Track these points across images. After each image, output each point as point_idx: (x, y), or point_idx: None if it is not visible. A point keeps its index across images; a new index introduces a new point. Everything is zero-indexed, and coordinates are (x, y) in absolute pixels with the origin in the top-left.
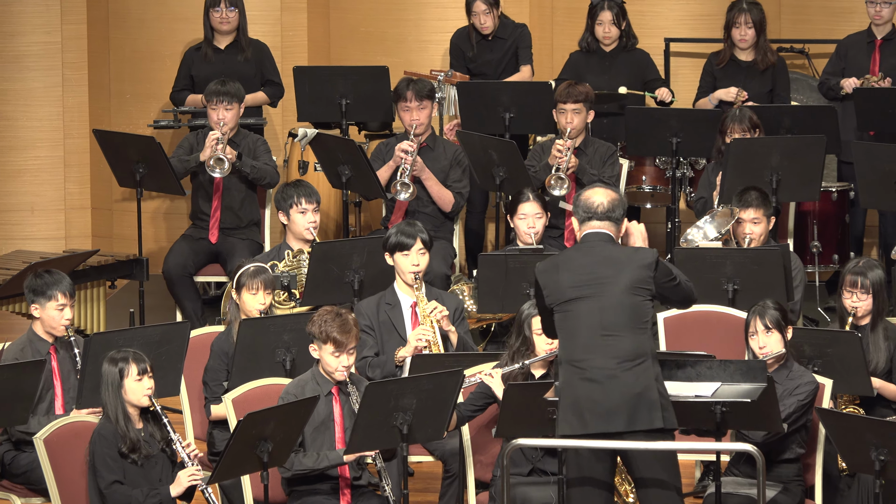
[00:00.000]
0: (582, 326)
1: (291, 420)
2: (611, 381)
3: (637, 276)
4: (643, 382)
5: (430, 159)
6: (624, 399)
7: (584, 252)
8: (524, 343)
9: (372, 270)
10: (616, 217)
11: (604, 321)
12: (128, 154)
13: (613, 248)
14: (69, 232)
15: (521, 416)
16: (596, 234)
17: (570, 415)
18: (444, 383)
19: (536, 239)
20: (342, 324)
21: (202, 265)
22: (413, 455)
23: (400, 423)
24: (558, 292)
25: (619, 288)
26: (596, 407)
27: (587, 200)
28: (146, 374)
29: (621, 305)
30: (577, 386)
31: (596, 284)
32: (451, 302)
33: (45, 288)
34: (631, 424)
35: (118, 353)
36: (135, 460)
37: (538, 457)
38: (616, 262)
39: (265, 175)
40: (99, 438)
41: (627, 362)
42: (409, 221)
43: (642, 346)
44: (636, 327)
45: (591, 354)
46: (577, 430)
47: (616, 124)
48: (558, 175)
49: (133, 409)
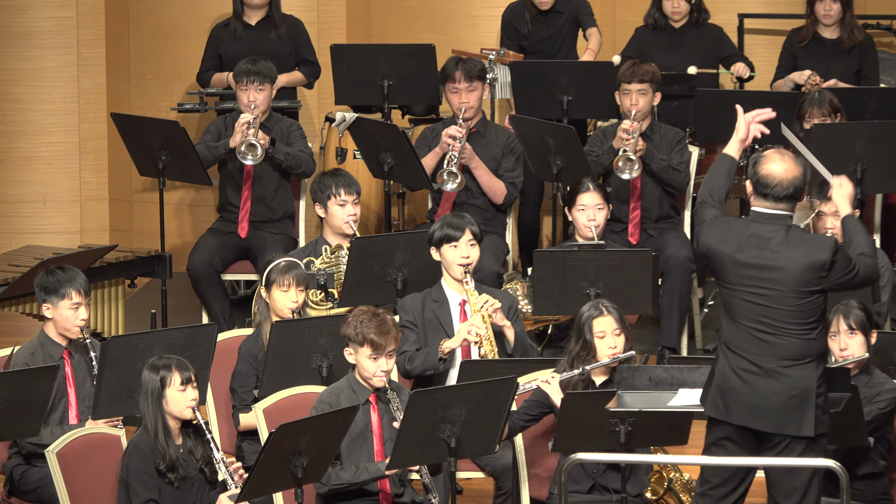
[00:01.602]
0: (743, 315)
1: (328, 432)
2: (768, 378)
3: (805, 278)
4: (805, 384)
5: (480, 146)
6: (777, 398)
7: (751, 234)
8: (584, 347)
9: (416, 268)
10: (795, 196)
11: (766, 319)
12: (149, 140)
13: (783, 239)
14: (84, 225)
15: (580, 427)
16: (769, 216)
17: (717, 397)
18: (497, 391)
19: (597, 233)
20: (380, 324)
21: (230, 262)
22: (462, 471)
23: (447, 435)
24: (725, 271)
25: (786, 287)
26: (744, 399)
27: (767, 177)
28: (190, 384)
29: (787, 305)
30: (731, 374)
31: (761, 277)
32: (504, 300)
33: (57, 286)
34: (780, 426)
35: (160, 360)
36: (171, 480)
37: (600, 472)
38: (784, 258)
39: (300, 163)
40: (136, 451)
41: (790, 361)
42: (457, 213)
43: (808, 346)
44: (802, 326)
45: (749, 345)
46: (722, 415)
47: (685, 107)
48: (627, 156)
49: (174, 421)
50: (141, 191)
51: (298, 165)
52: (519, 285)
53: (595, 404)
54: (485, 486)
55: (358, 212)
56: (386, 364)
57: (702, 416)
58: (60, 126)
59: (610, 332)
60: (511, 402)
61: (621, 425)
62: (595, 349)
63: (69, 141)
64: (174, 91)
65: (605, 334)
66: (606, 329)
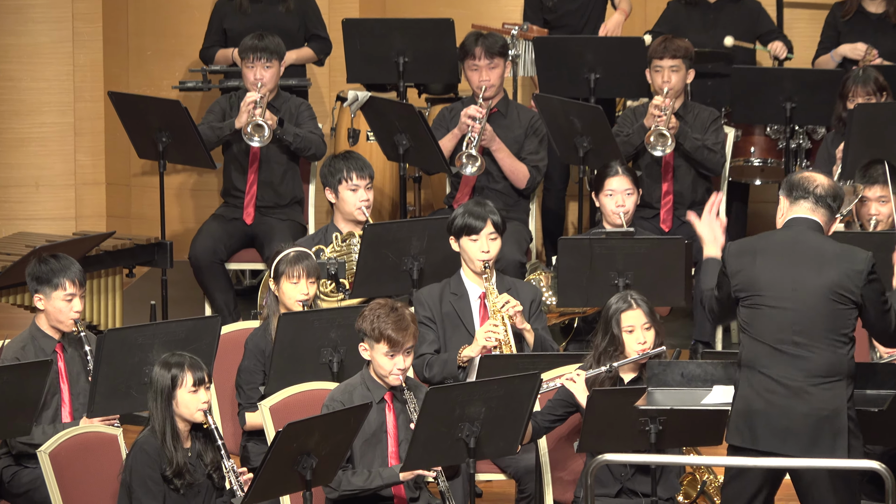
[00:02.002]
0: (770, 329)
1: (339, 431)
2: (795, 398)
3: (842, 280)
4: (833, 404)
5: (501, 127)
6: (807, 420)
7: (787, 240)
8: (612, 342)
9: (434, 257)
10: (833, 207)
11: (796, 327)
12: (149, 121)
13: (821, 241)
14: (80, 211)
15: (608, 427)
16: (804, 221)
17: (741, 424)
18: (519, 389)
19: (626, 220)
20: (398, 319)
21: (235, 250)
22: (481, 473)
23: (466, 435)
24: (751, 284)
25: (819, 290)
26: (771, 422)
27: (804, 178)
28: (203, 386)
29: (819, 312)
30: (755, 396)
31: (794, 283)
32: (526, 293)
33: (51, 276)
34: (809, 450)
35: (172, 357)
36: (177, 487)
37: (628, 475)
38: (821, 258)
39: (310, 145)
40: (141, 454)
41: (818, 378)
42: (479, 200)
43: (838, 363)
44: (833, 339)
45: (777, 363)
46: (746, 442)
47: (720, 86)
48: (659, 131)
49: (183, 423)
50: (140, 174)
51: (308, 147)
52: (543, 276)
53: (623, 402)
54: (506, 489)
55: (371, 197)
56: (403, 362)
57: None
58: (54, 105)
59: (639, 326)
60: (534, 400)
61: (651, 425)
62: (623, 344)
63: (64, 121)
64: (175, 68)
65: (634, 329)
66: (635, 323)
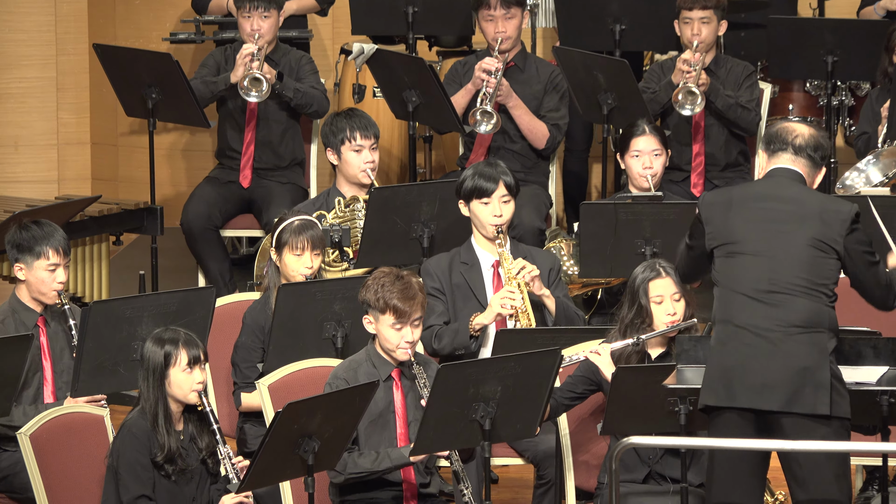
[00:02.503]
0: (747, 279)
1: (344, 412)
2: (773, 349)
3: (824, 229)
4: (814, 357)
5: (519, 83)
6: (786, 372)
7: (765, 189)
8: (639, 314)
9: (445, 223)
10: (815, 158)
11: (774, 275)
12: (137, 75)
13: (802, 191)
14: (63, 174)
15: (634, 406)
16: (785, 171)
17: (716, 382)
18: (538, 365)
19: (654, 183)
20: (404, 288)
21: (231, 215)
22: (497, 457)
23: (481, 416)
24: (725, 232)
25: (800, 238)
26: (748, 377)
27: (784, 129)
28: (198, 365)
29: (798, 260)
30: (731, 350)
31: (773, 230)
32: (544, 261)
33: (32, 243)
34: (790, 404)
35: (165, 333)
36: (168, 473)
37: (656, 458)
38: (802, 206)
39: (312, 101)
40: (129, 438)
41: (796, 328)
42: (491, 161)
43: (819, 314)
44: (813, 289)
45: (753, 313)
46: (722, 400)
47: (756, 38)
48: (688, 88)
49: (176, 405)
50: (128, 133)
51: (309, 104)
52: (563, 243)
53: (651, 380)
54: (524, 474)
55: (376, 159)
56: (411, 334)
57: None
58: (35, 59)
59: (668, 296)
60: (554, 378)
61: (681, 405)
62: (651, 316)
63: (45, 76)
64: (166, 18)
65: (663, 299)
66: (665, 293)
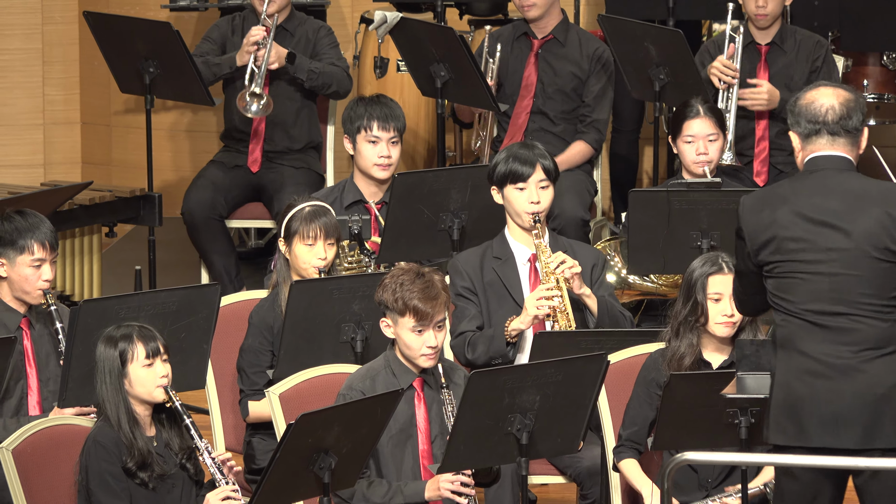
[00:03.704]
0: (805, 299)
1: (364, 424)
2: (844, 377)
3: (879, 232)
4: (890, 380)
5: (558, 58)
6: (861, 403)
7: (810, 188)
8: (694, 311)
9: (477, 212)
10: (853, 126)
11: (836, 292)
12: (133, 47)
13: (856, 181)
14: (50, 157)
15: (689, 418)
16: (827, 160)
17: (783, 418)
18: (581, 372)
19: (710, 170)
20: (425, 286)
21: (238, 204)
22: (536, 475)
23: (517, 429)
24: (773, 247)
25: (861, 244)
26: (819, 411)
27: (811, 105)
28: (159, 357)
29: (863, 270)
30: (796, 381)
31: (828, 238)
32: (587, 256)
33: (15, 236)
34: (868, 440)
35: (117, 330)
36: (144, 481)
37: (715, 481)
38: (852, 206)
39: (331, 81)
40: (95, 449)
41: (869, 351)
42: (527, 142)
43: (890, 332)
44: (881, 306)
45: (817, 339)
46: (792, 439)
47: (829, 6)
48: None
49: (142, 407)
50: (122, 112)
51: (328, 84)
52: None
53: (708, 389)
54: (565, 493)
55: (395, 154)
56: (434, 338)
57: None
58: (19, 28)
59: (728, 295)
60: (600, 387)
61: (742, 417)
62: (707, 314)
63: (30, 47)
64: None
65: (722, 297)
66: (724, 291)
